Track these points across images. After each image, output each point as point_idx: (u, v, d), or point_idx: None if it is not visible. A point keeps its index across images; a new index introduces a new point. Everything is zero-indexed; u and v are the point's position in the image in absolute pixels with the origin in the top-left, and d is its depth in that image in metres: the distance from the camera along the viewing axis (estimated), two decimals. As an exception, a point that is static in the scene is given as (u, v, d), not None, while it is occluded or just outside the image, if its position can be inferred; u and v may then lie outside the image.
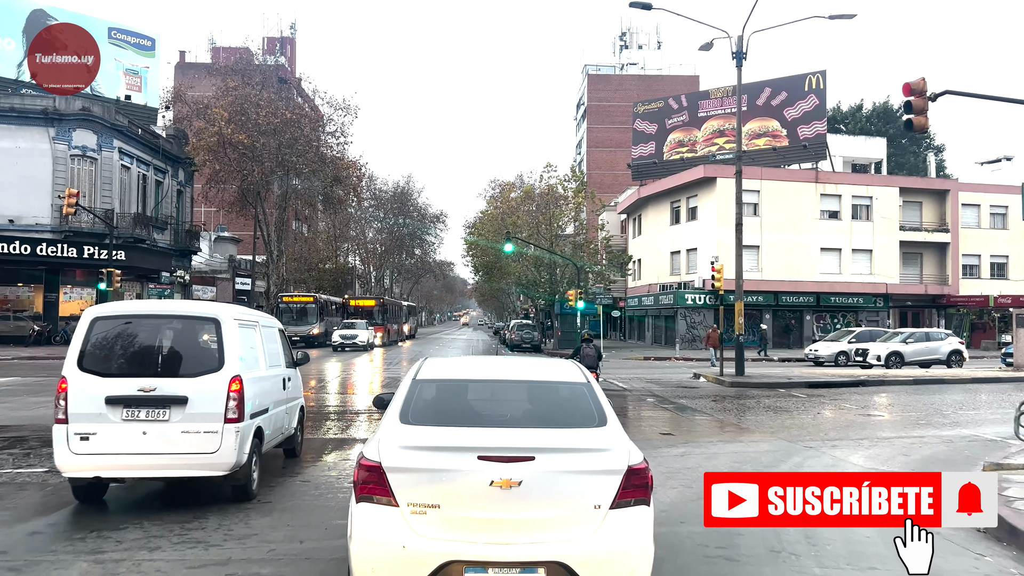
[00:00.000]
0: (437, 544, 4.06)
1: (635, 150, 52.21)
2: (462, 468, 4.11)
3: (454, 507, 4.09)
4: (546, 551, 4.05)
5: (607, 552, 4.11)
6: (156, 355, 7.43)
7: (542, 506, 4.10)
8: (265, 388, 8.19)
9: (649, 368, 31.22)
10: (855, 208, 45.34)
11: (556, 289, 44.56)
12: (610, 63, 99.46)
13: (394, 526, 4.09)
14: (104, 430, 6.95)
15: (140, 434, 6.97)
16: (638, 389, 21.53)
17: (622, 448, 4.36)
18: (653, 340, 49.97)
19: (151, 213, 41.89)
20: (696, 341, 43.48)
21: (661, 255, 48.95)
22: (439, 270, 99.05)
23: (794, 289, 44.31)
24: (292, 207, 53.56)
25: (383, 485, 4.13)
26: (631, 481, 4.20)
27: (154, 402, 7.02)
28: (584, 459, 4.28)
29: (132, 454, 6.99)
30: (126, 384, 7.05)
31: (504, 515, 4.08)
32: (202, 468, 7.11)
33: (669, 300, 45.40)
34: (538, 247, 43.91)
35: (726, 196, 43.53)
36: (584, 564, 4.04)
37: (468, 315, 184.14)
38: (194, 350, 7.52)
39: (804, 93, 45.36)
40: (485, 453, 4.12)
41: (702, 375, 25.47)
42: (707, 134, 48.64)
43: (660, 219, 49.40)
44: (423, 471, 4.16)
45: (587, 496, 4.14)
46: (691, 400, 18.79)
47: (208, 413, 7.09)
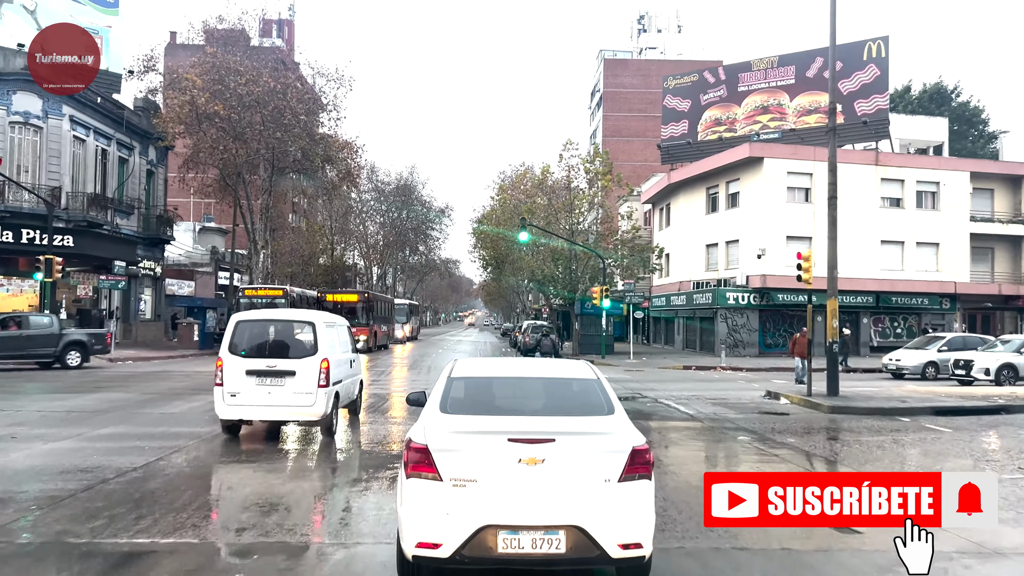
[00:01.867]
0: (475, 512, 4.80)
1: (665, 130, 46.49)
2: (495, 449, 4.90)
3: (489, 481, 4.84)
4: (565, 517, 4.80)
5: (615, 517, 4.86)
6: (276, 344, 11.57)
7: (561, 480, 4.85)
8: (340, 367, 12.32)
9: (699, 381, 25.53)
10: (919, 195, 39.54)
11: (576, 286, 38.91)
12: (627, 48, 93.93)
13: (439, 497, 4.86)
14: (245, 390, 11.07)
15: (267, 393, 11.10)
16: (707, 415, 15.89)
17: (627, 432, 5.25)
18: (685, 344, 44.22)
19: (113, 194, 36.41)
20: (740, 346, 37.72)
21: (694, 248, 43.24)
22: (444, 268, 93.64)
23: (850, 288, 38.50)
24: (284, 195, 47.96)
25: (430, 464, 4.91)
26: (635, 459, 4.97)
27: (275, 374, 11.14)
28: (596, 441, 5.12)
29: (262, 406, 11.12)
30: (258, 363, 11.20)
31: (530, 487, 4.82)
32: (305, 416, 11.27)
33: (706, 299, 39.69)
34: (557, 236, 38.32)
35: (775, 179, 37.80)
36: (596, 527, 4.80)
37: (474, 315, 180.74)
38: (299, 342, 11.63)
39: (862, 63, 39.58)
40: (514, 436, 4.93)
41: (781, 394, 19.74)
42: (748, 111, 42.91)
43: (693, 207, 43.67)
44: (462, 451, 4.94)
45: (598, 472, 4.90)
46: (797, 438, 13.14)
47: (308, 381, 11.13)
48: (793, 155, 37.95)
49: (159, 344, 37.59)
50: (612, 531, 4.81)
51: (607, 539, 4.80)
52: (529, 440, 4.88)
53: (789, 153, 38.05)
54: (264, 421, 11.60)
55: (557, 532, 4.76)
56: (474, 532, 4.75)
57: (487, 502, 4.79)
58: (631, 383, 24.20)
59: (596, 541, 4.78)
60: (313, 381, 11.07)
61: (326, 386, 11.18)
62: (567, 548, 4.77)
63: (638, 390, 21.67)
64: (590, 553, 4.81)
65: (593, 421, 5.41)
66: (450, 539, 4.78)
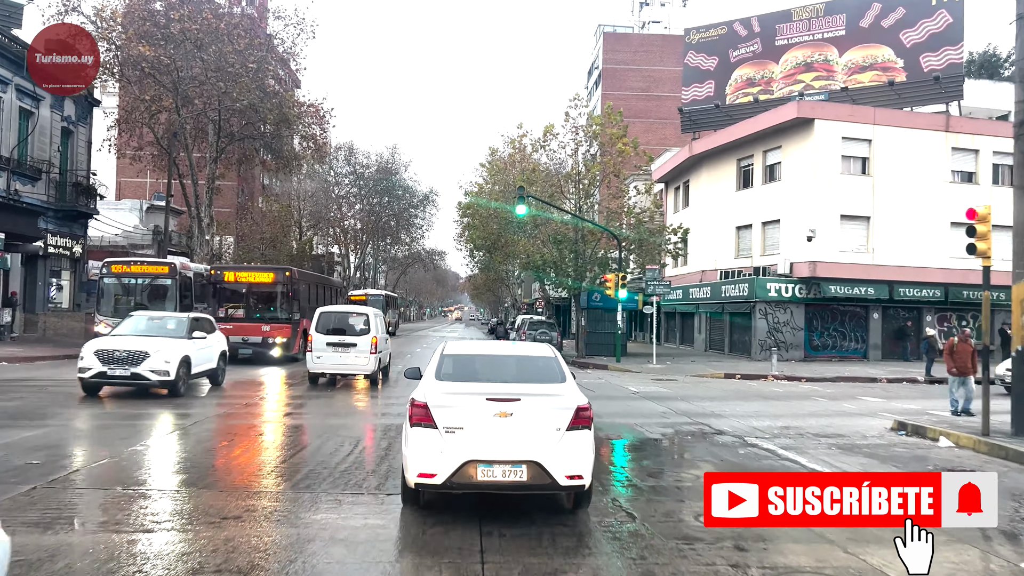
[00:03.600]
0: (461, 451, 6.39)
1: (686, 92, 39.63)
2: (476, 405, 6.52)
3: (471, 429, 6.47)
4: (527, 455, 6.41)
5: (563, 456, 6.46)
6: (345, 325, 18.40)
7: (524, 428, 6.49)
8: (383, 342, 19.22)
9: (767, 400, 18.70)
10: (996, 169, 32.92)
11: (583, 274, 32.05)
12: (628, 24, 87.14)
13: (435, 441, 6.47)
14: (325, 355, 17.75)
15: (339, 357, 17.80)
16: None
17: (574, 395, 6.88)
18: (708, 345, 37.46)
19: (10, 153, 29.14)
20: (782, 348, 31.01)
21: (721, 232, 36.49)
22: (429, 260, 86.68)
23: (913, 279, 31.95)
24: (249, 172, 40.63)
25: (428, 416, 6.52)
26: (579, 415, 6.62)
27: (344, 345, 17.86)
28: (550, 401, 6.74)
29: (335, 365, 17.92)
30: (333, 338, 17.91)
31: (501, 433, 6.46)
32: (361, 372, 18.14)
33: (740, 291, 32.93)
34: (563, 211, 31.46)
35: (827, 146, 31.03)
36: (550, 463, 6.40)
37: (460, 310, 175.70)
38: (359, 324, 18.41)
39: (930, 9, 32.89)
40: (491, 396, 6.57)
41: (933, 430, 12.86)
42: (788, 68, 36.16)
43: (720, 183, 36.90)
44: (453, 407, 6.56)
45: (552, 423, 6.55)
46: None
47: (364, 350, 17.90)
48: (850, 116, 31.24)
49: (74, 340, 30.24)
50: (561, 466, 6.45)
51: (557, 471, 6.43)
52: (501, 399, 6.56)
53: (845, 114, 31.34)
54: (335, 374, 18.41)
55: (520, 466, 6.42)
56: (460, 465, 6.37)
57: (470, 444, 6.43)
58: (674, 400, 17.41)
59: (549, 473, 6.42)
60: (367, 350, 18.05)
61: (374, 354, 18.15)
62: (528, 478, 6.42)
63: (693, 415, 14.95)
64: (544, 481, 6.45)
65: (550, 387, 7.03)
66: (442, 471, 6.41)
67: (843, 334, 32.62)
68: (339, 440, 10.79)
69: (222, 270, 25.92)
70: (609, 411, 15.18)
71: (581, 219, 31.38)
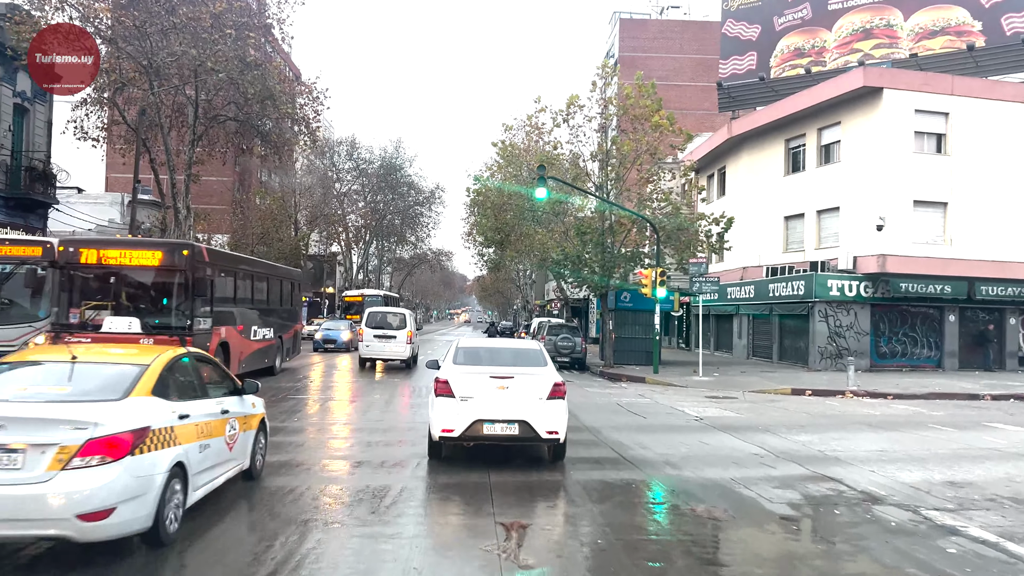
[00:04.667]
0: (472, 412, 9.18)
1: (724, 66, 35.19)
2: (483, 381, 9.38)
3: (479, 397, 9.25)
4: (518, 415, 9.18)
5: (544, 417, 9.24)
6: (387, 322, 24.46)
7: (517, 397, 9.28)
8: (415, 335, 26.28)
9: (870, 430, 14.20)
10: (1092, 147, 28.31)
11: (611, 270, 27.64)
12: (645, 11, 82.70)
13: (453, 406, 9.25)
14: (372, 343, 24.02)
15: (382, 345, 24.04)
16: None
17: (553, 374, 9.72)
18: (751, 351, 32.95)
19: (-55, 131, 25.00)
20: (848, 355, 26.59)
21: (766, 223, 32.04)
22: (436, 260, 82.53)
23: (996, 274, 27.40)
24: (226, 154, 36.26)
25: (449, 389, 9.33)
26: (556, 388, 9.44)
27: (386, 337, 24.04)
28: (535, 378, 9.54)
29: (380, 351, 24.21)
30: (379, 331, 24.10)
31: (500, 400, 9.25)
32: (399, 358, 24.34)
33: (793, 290, 28.45)
34: (589, 194, 27.06)
35: (897, 120, 26.55)
36: (535, 421, 9.19)
37: (468, 312, 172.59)
38: (396, 321, 24.58)
39: (1013, -39, 28.37)
40: (493, 375, 9.45)
41: None
42: (844, 36, 31.70)
43: (764, 168, 32.46)
44: (466, 382, 9.38)
45: (536, 393, 9.35)
46: None
47: (402, 341, 24.06)
48: (924, 86, 26.72)
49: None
50: (543, 424, 9.22)
51: (540, 428, 9.21)
52: (501, 376, 9.43)
53: (919, 83, 26.82)
54: (380, 359, 24.56)
55: (514, 424, 9.17)
56: (471, 423, 9.15)
57: (478, 408, 9.20)
58: (756, 432, 13.03)
59: (534, 428, 9.20)
60: (404, 341, 24.12)
61: (410, 344, 24.39)
62: (519, 432, 9.20)
63: (801, 458, 10.71)
64: (531, 434, 9.23)
65: (535, 369, 9.82)
66: (458, 426, 9.17)
67: (914, 339, 28.09)
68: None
69: (76, 245, 15.12)
70: (680, 453, 10.83)
71: (612, 204, 26.90)
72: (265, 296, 21.85)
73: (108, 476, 5.24)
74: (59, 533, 5.21)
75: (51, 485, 5.11)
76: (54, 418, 5.36)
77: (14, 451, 5.16)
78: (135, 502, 5.41)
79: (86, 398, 5.74)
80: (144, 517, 5.52)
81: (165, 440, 5.86)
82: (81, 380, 6.04)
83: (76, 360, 6.25)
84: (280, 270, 25.82)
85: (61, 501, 5.09)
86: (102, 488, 5.19)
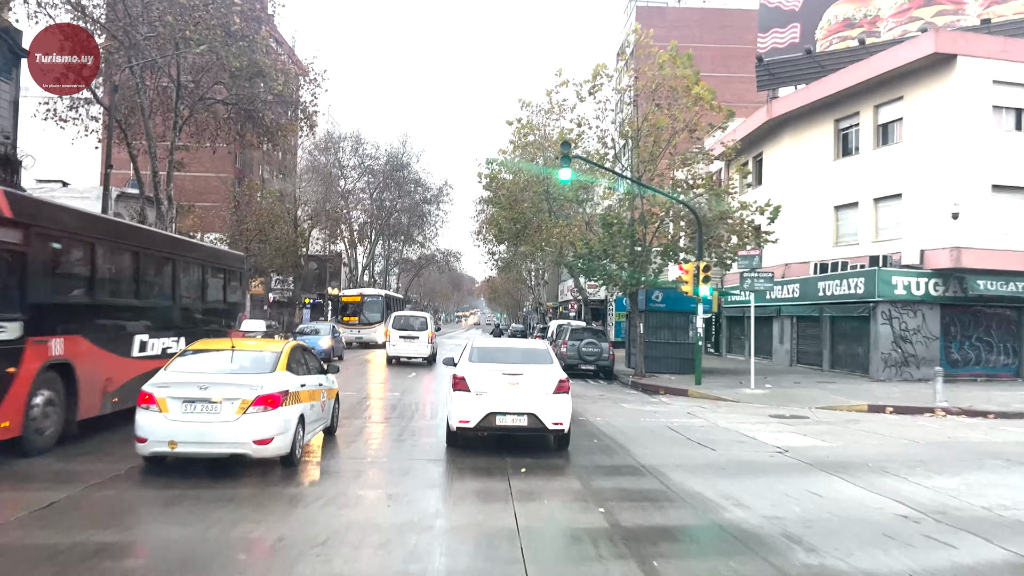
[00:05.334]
0: (486, 405, 10.26)
1: (763, 40, 31.79)
2: (496, 377, 10.46)
3: (493, 392, 10.33)
4: (527, 408, 10.27)
5: (551, 410, 10.31)
6: (411, 325, 29.18)
7: (526, 392, 10.35)
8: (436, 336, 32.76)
9: (1007, 468, 10.84)
10: None
11: (644, 266, 24.31)
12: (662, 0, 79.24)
13: (469, 400, 10.36)
14: (398, 344, 28.48)
15: (406, 344, 28.51)
16: None
17: (558, 371, 10.83)
18: (796, 358, 29.48)
19: None
20: (916, 363, 23.12)
21: (813, 213, 28.62)
22: (444, 260, 79.23)
23: (1084, 270, 23.86)
24: (216, 141, 32.91)
25: (465, 384, 10.45)
26: (561, 384, 10.50)
27: (410, 337, 28.58)
28: (543, 375, 10.65)
29: (404, 350, 28.51)
30: (404, 332, 28.62)
31: (512, 395, 10.32)
32: (421, 356, 28.66)
33: (849, 288, 25.02)
34: (619, 175, 23.74)
35: (973, 92, 23.09)
36: (542, 414, 10.25)
37: (476, 315, 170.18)
38: (417, 323, 29.42)
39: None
40: (505, 371, 10.56)
41: None
42: (901, 3, 28.25)
43: (810, 151, 29.06)
44: (480, 378, 10.48)
45: (543, 388, 10.41)
46: None
47: (424, 341, 28.71)
48: (1003, 53, 23.27)
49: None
50: (549, 416, 10.28)
51: (547, 419, 10.28)
52: (512, 373, 10.51)
53: (997, 50, 23.38)
54: (405, 357, 28.23)
55: (523, 415, 10.24)
56: (485, 415, 10.22)
57: (492, 401, 10.26)
58: (872, 474, 9.67)
59: (541, 420, 10.26)
60: (425, 341, 28.37)
61: (430, 343, 28.75)
62: (528, 423, 10.26)
63: (965, 521, 7.04)
64: (538, 425, 10.29)
65: (542, 367, 10.91)
66: (474, 419, 10.25)
67: (989, 345, 24.61)
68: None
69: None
70: (795, 516, 7.52)
71: (647, 187, 23.53)
72: (169, 288, 14.37)
73: (269, 419, 8.60)
74: (242, 451, 8.63)
75: (237, 423, 8.50)
76: (237, 384, 8.75)
77: (215, 403, 8.51)
78: (282, 436, 8.78)
79: (251, 371, 9.20)
80: (286, 446, 8.89)
81: (295, 399, 9.24)
82: (241, 360, 9.54)
83: (235, 349, 9.85)
84: (202, 250, 18.15)
85: (243, 432, 8.50)
86: (267, 426, 8.58)
